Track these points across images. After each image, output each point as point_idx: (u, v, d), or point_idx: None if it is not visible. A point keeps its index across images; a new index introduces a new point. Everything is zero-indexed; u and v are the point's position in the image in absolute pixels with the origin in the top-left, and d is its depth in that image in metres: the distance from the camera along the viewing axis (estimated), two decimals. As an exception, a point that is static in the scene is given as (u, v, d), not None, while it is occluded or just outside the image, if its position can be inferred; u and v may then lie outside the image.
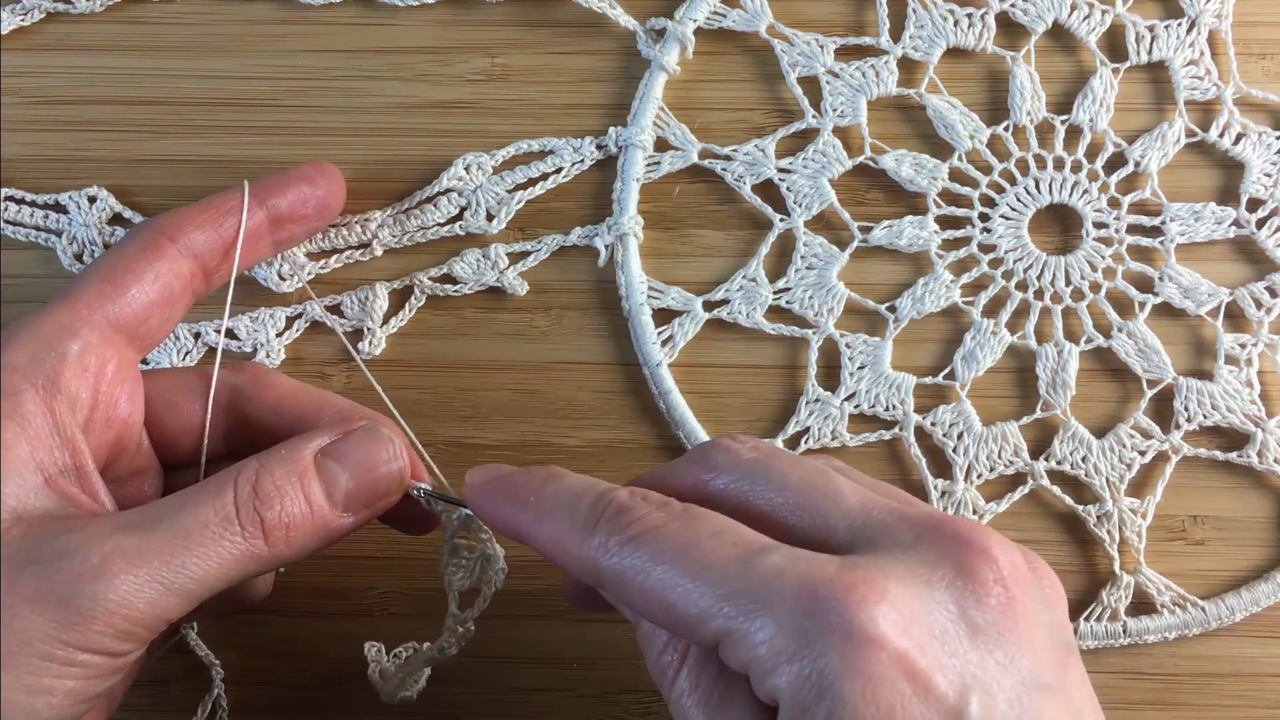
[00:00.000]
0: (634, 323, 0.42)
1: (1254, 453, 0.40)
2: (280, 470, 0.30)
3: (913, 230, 0.42)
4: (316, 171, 0.38)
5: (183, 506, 0.29)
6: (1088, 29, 0.43)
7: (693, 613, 0.26)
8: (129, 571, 0.27)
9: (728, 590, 0.25)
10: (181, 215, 0.34)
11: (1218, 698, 0.39)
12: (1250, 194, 0.42)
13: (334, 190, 0.38)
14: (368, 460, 0.31)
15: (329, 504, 0.30)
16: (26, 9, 0.44)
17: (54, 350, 0.29)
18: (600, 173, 0.43)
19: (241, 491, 0.29)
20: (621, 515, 0.28)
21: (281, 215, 0.36)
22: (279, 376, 0.35)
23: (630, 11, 0.43)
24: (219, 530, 0.29)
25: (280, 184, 0.37)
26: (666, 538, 0.27)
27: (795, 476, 0.29)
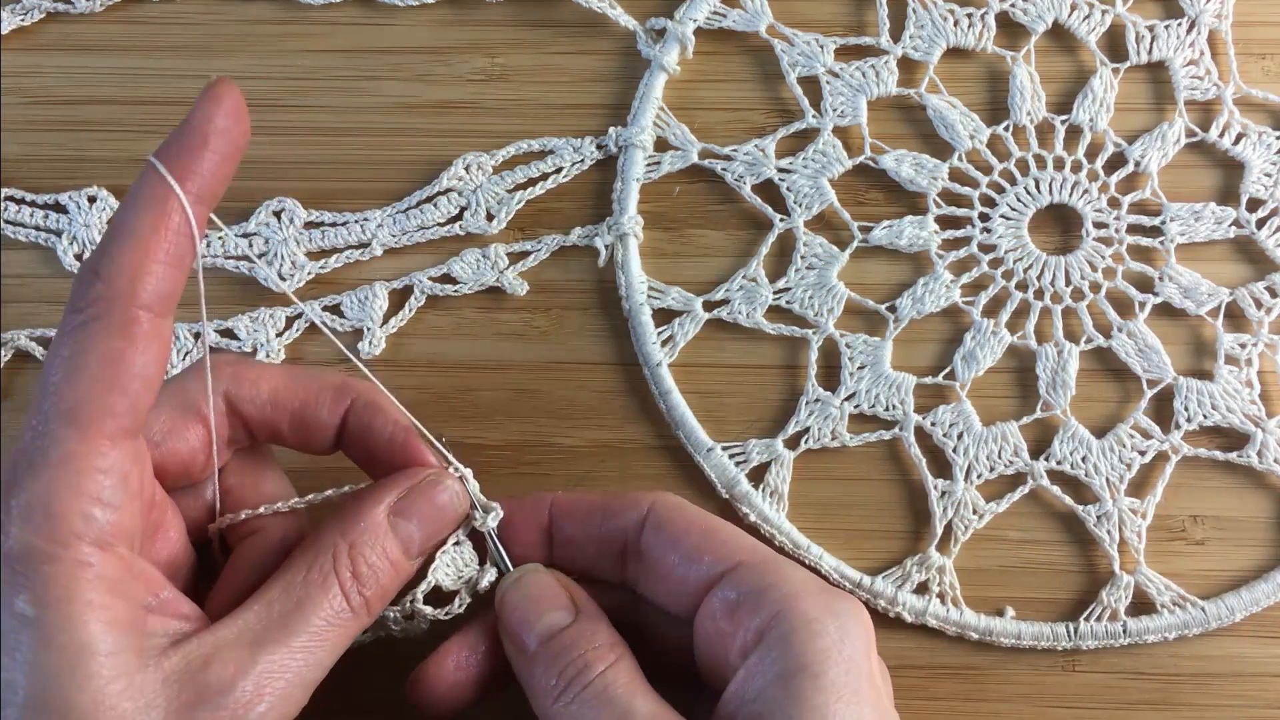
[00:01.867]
0: (634, 323, 0.42)
1: (1254, 453, 0.40)
2: (368, 546, 0.31)
3: (913, 230, 0.42)
4: (223, 112, 0.28)
5: (299, 606, 0.30)
6: (1088, 29, 0.43)
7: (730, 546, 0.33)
8: (279, 686, 0.29)
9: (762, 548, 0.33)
10: (138, 268, 0.28)
11: (1218, 698, 0.39)
12: (1250, 194, 0.42)
13: (244, 120, 0.29)
14: (436, 512, 0.33)
15: (405, 559, 0.32)
16: (26, 9, 0.44)
17: (101, 502, 0.27)
18: (600, 173, 0.43)
19: (344, 579, 0.30)
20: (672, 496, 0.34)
21: (212, 193, 0.29)
22: (262, 366, 0.34)
23: (630, 11, 0.43)
24: (338, 620, 0.30)
25: (198, 155, 0.28)
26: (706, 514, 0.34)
27: None
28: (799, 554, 0.40)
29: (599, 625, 0.32)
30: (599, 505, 0.34)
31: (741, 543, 0.33)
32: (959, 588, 0.40)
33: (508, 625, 0.33)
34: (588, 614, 0.33)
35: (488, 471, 0.40)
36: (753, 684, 0.30)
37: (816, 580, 0.32)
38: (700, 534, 0.33)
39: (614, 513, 0.34)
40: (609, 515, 0.34)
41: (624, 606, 0.34)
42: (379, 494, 0.32)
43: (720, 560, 0.32)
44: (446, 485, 0.33)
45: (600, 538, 0.34)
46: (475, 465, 0.39)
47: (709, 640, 0.32)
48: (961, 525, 0.40)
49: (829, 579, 0.39)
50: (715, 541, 0.33)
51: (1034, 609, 0.40)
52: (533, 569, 0.34)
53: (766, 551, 0.33)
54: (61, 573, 0.27)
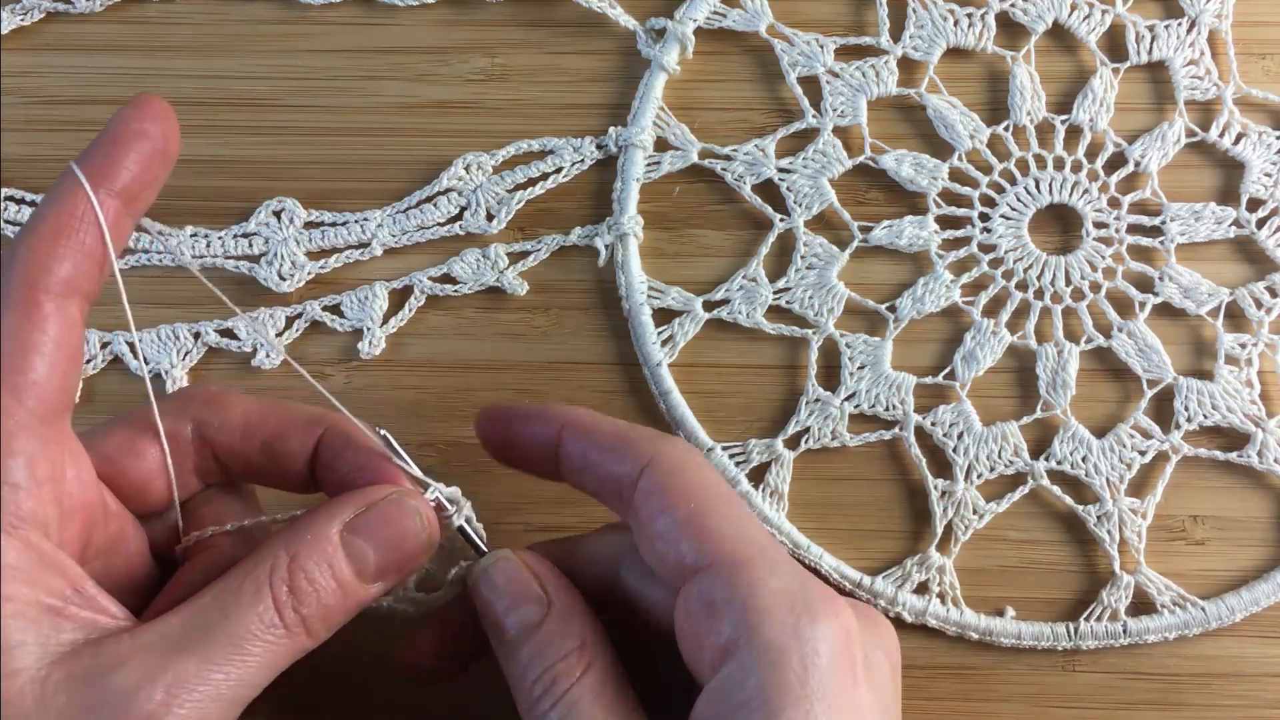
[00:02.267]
0: (634, 323, 0.42)
1: (1254, 453, 0.40)
2: (311, 561, 0.29)
3: (913, 230, 0.42)
4: (145, 118, 0.30)
5: (226, 616, 0.28)
6: (1088, 29, 0.43)
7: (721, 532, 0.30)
8: (193, 699, 0.27)
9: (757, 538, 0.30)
10: (39, 252, 0.28)
11: (1218, 698, 0.39)
12: (1250, 194, 0.42)
13: (171, 131, 0.30)
14: (395, 533, 0.30)
15: (358, 581, 0.30)
16: (26, 9, 0.44)
17: (4, 482, 0.27)
18: (600, 173, 0.43)
19: (279, 591, 0.28)
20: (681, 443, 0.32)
21: (131, 191, 0.29)
22: (234, 395, 0.33)
23: (630, 11, 0.43)
24: (266, 635, 0.28)
25: (116, 155, 0.29)
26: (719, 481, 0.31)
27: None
28: (799, 554, 0.40)
29: (570, 623, 0.31)
30: (604, 442, 0.32)
31: (725, 533, 0.30)
32: (959, 588, 0.40)
33: (483, 618, 0.32)
34: (559, 608, 0.31)
35: (486, 472, 0.40)
36: (715, 707, 0.28)
37: (790, 592, 0.29)
38: (687, 515, 0.30)
39: (615, 456, 0.32)
40: (610, 456, 0.32)
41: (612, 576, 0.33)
42: (333, 508, 0.30)
43: (699, 551, 0.30)
44: (410, 506, 0.31)
45: (604, 476, 0.32)
46: (475, 465, 0.39)
47: (684, 637, 0.30)
48: (961, 525, 0.40)
49: (828, 579, 0.39)
50: (698, 528, 0.30)
51: (1034, 609, 0.40)
52: (501, 556, 0.32)
53: (748, 548, 0.30)
54: None
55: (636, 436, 0.32)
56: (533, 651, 0.30)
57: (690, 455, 0.32)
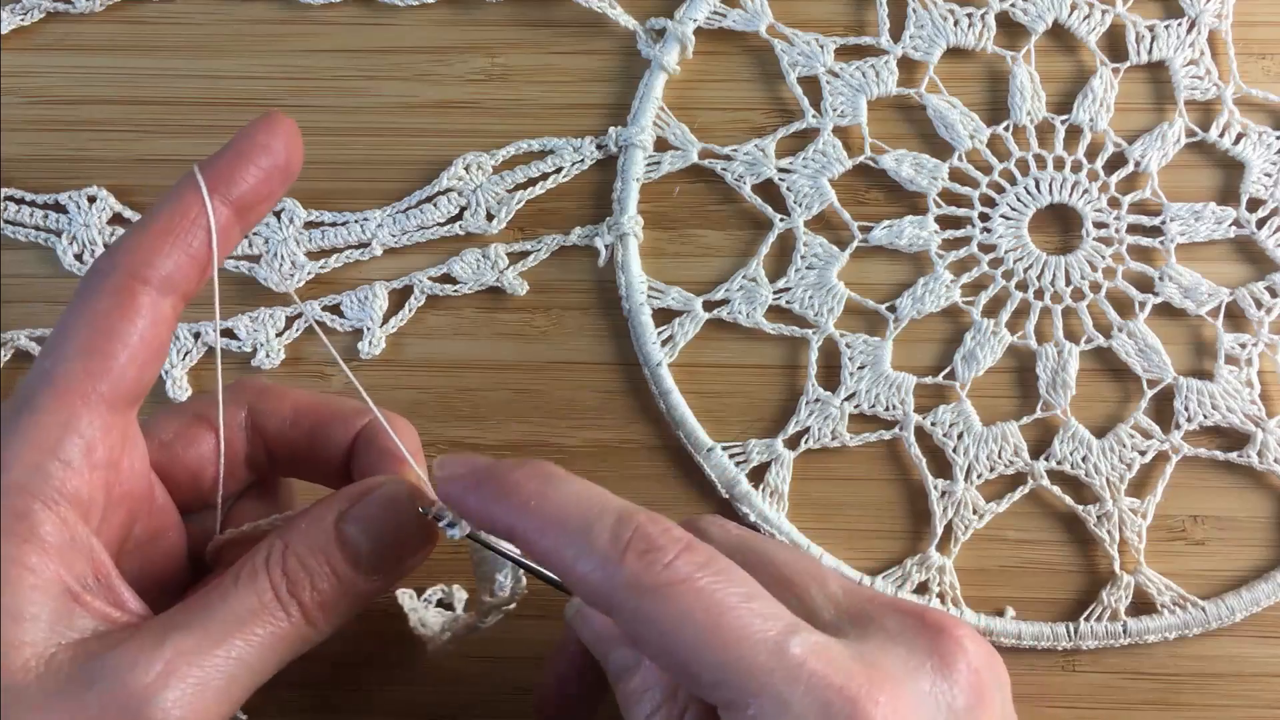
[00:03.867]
0: (634, 323, 0.42)
1: (1254, 453, 0.40)
2: (303, 548, 0.29)
3: (913, 230, 0.42)
4: (270, 133, 0.30)
5: (225, 599, 0.28)
6: (1088, 29, 0.43)
7: (709, 678, 0.26)
8: (191, 675, 0.27)
9: (755, 669, 0.26)
10: (145, 247, 0.29)
11: (1218, 698, 0.39)
12: (1250, 194, 0.42)
13: (294, 149, 0.31)
14: (390, 521, 0.30)
15: (355, 571, 0.29)
16: (26, 9, 0.44)
17: (57, 457, 0.27)
18: (600, 173, 0.43)
19: (274, 576, 0.28)
20: (650, 554, 0.27)
21: (247, 200, 0.30)
22: (284, 387, 0.34)
23: (630, 11, 0.43)
24: (266, 617, 0.28)
25: (237, 165, 0.30)
26: (698, 596, 0.26)
27: (782, 556, 0.31)
28: (799, 554, 0.40)
29: (655, 671, 0.29)
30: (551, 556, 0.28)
31: (722, 676, 0.26)
32: (959, 588, 0.40)
33: (592, 652, 0.32)
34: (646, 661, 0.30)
35: (488, 471, 0.40)
36: None
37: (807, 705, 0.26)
38: (679, 663, 0.27)
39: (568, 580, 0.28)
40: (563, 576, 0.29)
41: None
42: (333, 498, 0.30)
43: (708, 697, 0.27)
44: (401, 494, 0.30)
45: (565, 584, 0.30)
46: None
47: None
48: (961, 525, 0.40)
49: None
50: (694, 675, 0.27)
51: (1034, 609, 0.40)
52: (578, 605, 0.32)
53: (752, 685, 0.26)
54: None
55: (601, 555, 0.27)
56: (628, 698, 0.30)
57: (659, 579, 0.27)
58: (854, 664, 0.26)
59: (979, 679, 0.28)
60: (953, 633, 0.28)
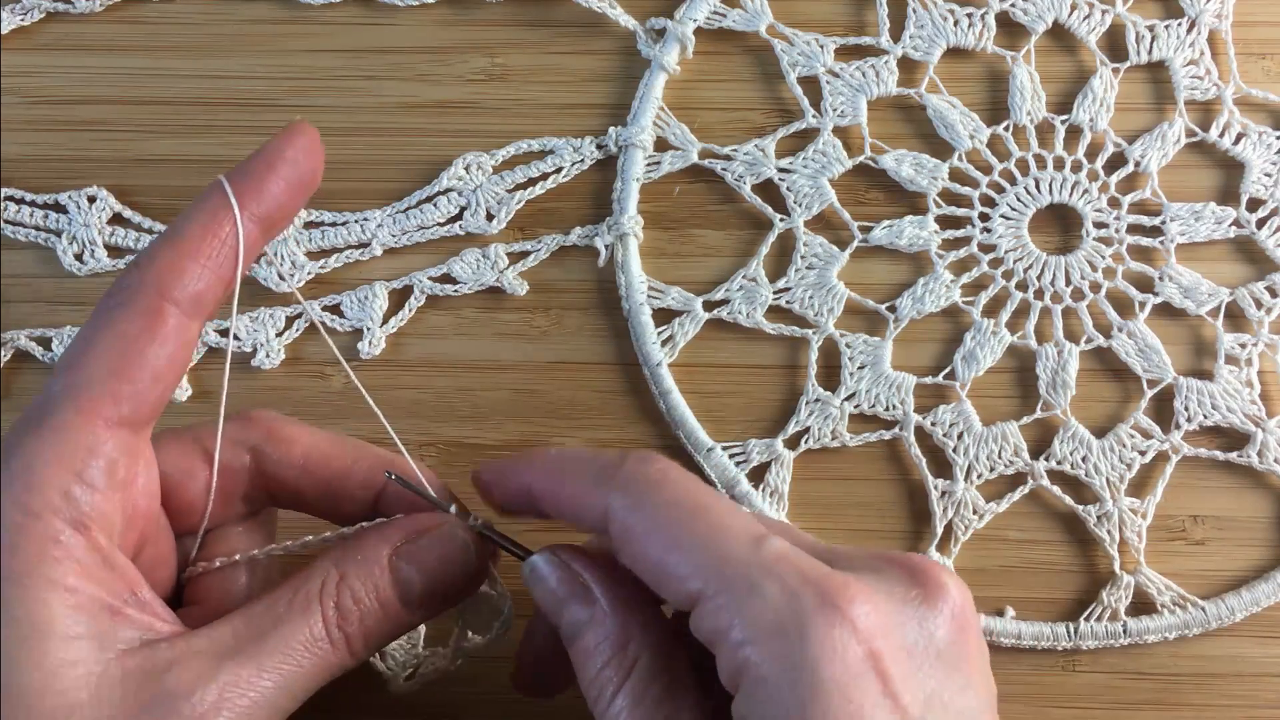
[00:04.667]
0: (634, 323, 0.42)
1: (1254, 453, 0.40)
2: (359, 581, 0.30)
3: (913, 230, 0.42)
4: (295, 145, 0.30)
5: (278, 627, 0.28)
6: (1088, 29, 0.43)
7: (685, 569, 0.27)
8: (242, 704, 0.27)
9: (729, 558, 0.27)
10: (176, 266, 0.28)
11: (1218, 698, 0.39)
12: (1250, 194, 0.42)
13: (317, 159, 0.30)
14: (444, 565, 0.31)
15: (402, 606, 0.30)
16: (26, 9, 0.44)
17: (82, 480, 0.27)
18: (600, 173, 0.43)
19: (327, 609, 0.29)
20: (649, 459, 0.30)
21: (272, 215, 0.30)
22: (299, 428, 0.33)
23: (630, 11, 0.43)
24: (314, 649, 0.29)
25: (264, 180, 0.29)
26: (687, 492, 0.29)
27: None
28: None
29: (614, 623, 0.29)
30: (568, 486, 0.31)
31: (698, 563, 0.28)
32: (959, 588, 0.40)
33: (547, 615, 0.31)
34: (603, 605, 0.30)
35: (488, 471, 0.40)
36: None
37: (777, 613, 0.26)
38: (657, 555, 0.28)
39: (580, 500, 0.30)
40: (576, 500, 0.30)
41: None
42: (387, 532, 0.31)
43: (677, 593, 0.28)
44: (460, 538, 0.31)
45: (578, 518, 0.31)
46: (475, 465, 0.39)
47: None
48: (961, 525, 0.40)
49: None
50: (667, 568, 0.28)
51: (1034, 609, 0.40)
52: (537, 559, 0.31)
53: (722, 573, 0.27)
54: (28, 545, 0.26)
55: (596, 471, 0.30)
56: (581, 655, 0.30)
57: (650, 475, 0.29)
58: (834, 571, 0.27)
59: (963, 619, 0.28)
60: (937, 575, 0.28)
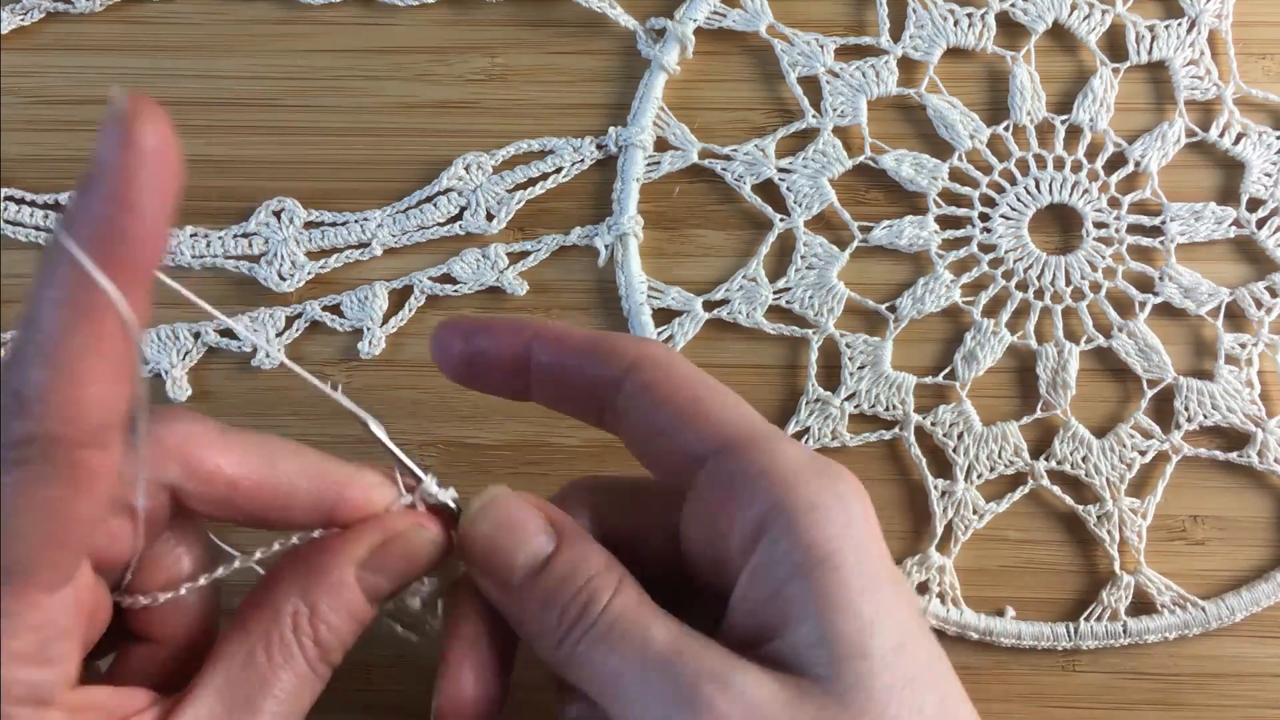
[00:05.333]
0: (634, 323, 0.42)
1: (1254, 453, 0.40)
2: (333, 613, 0.28)
3: (913, 230, 0.42)
4: (132, 147, 0.22)
5: (264, 686, 0.27)
6: (1088, 29, 0.43)
7: (713, 421, 0.29)
8: None
9: (755, 419, 0.30)
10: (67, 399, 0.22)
11: (1218, 698, 0.39)
12: (1250, 194, 0.42)
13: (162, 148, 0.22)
14: (408, 565, 0.29)
15: (371, 608, 0.29)
16: (26, 9, 0.44)
17: (43, 663, 0.25)
18: (600, 173, 0.43)
19: (308, 649, 0.28)
20: (656, 343, 0.31)
21: (145, 266, 0.22)
22: (222, 453, 0.28)
23: (630, 11, 0.43)
24: (306, 688, 0.28)
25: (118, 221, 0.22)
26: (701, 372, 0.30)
27: None
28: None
29: (588, 547, 0.29)
30: (580, 348, 0.30)
31: (727, 417, 0.29)
32: (959, 588, 0.40)
33: (483, 562, 0.29)
34: (571, 534, 0.29)
35: (487, 471, 0.40)
36: (765, 582, 0.27)
37: (811, 457, 0.28)
38: (684, 403, 0.29)
39: (595, 359, 0.30)
40: (589, 361, 0.30)
41: (591, 518, 0.31)
42: (348, 548, 0.28)
43: (704, 437, 0.28)
44: (427, 538, 0.29)
45: (579, 383, 0.30)
46: (475, 465, 0.39)
47: (702, 534, 0.29)
48: (961, 525, 0.40)
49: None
50: (699, 413, 0.29)
51: (1034, 609, 0.40)
52: (494, 493, 0.30)
53: (755, 426, 0.29)
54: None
55: (614, 340, 0.30)
56: (555, 579, 0.28)
57: (673, 353, 0.30)
58: None
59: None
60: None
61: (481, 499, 0.29)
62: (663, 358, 0.30)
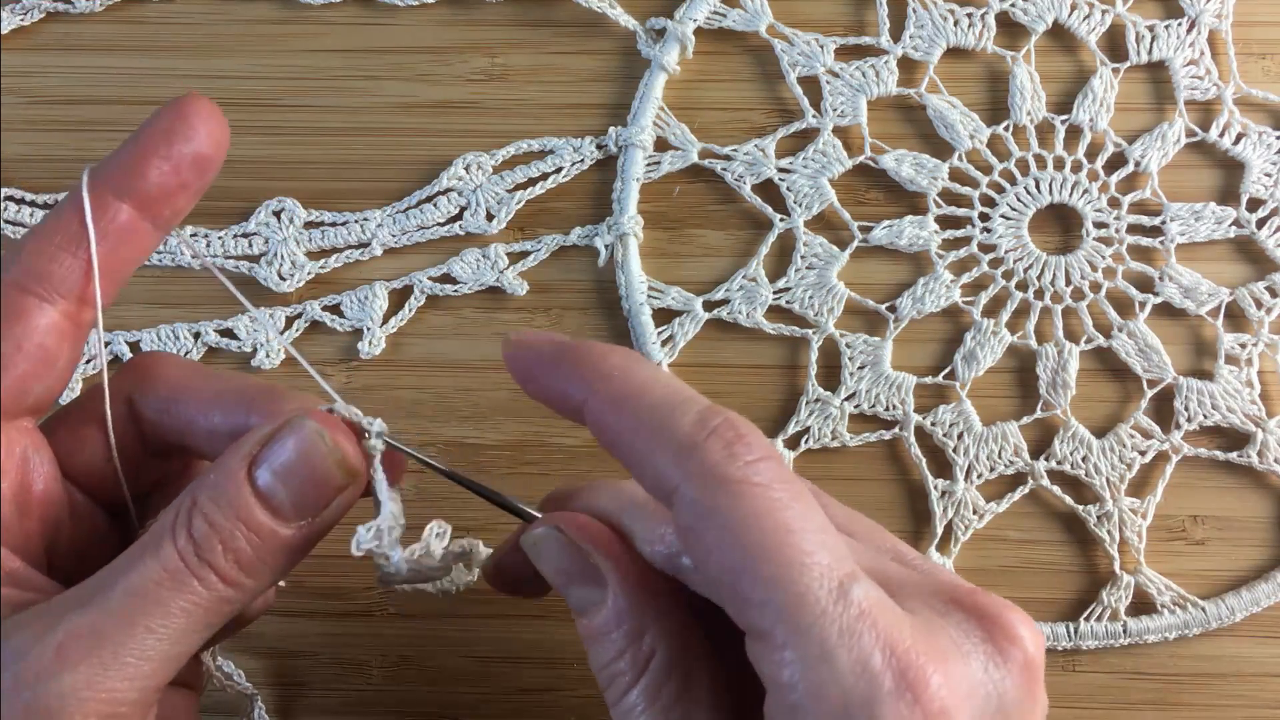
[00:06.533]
0: (634, 323, 0.42)
1: (1254, 453, 0.40)
2: (211, 505, 0.27)
3: (913, 230, 0.42)
4: (176, 121, 0.28)
5: (127, 569, 0.26)
6: (1088, 29, 0.43)
7: (757, 596, 0.24)
8: (92, 654, 0.25)
9: (806, 602, 0.24)
10: (28, 250, 0.27)
11: (1218, 698, 0.39)
12: (1250, 194, 0.42)
13: (208, 132, 0.28)
14: (303, 463, 0.27)
15: (276, 522, 0.27)
16: (26, 9, 0.44)
17: None
18: (600, 173, 0.43)
19: (179, 539, 0.26)
20: (736, 446, 0.25)
21: (153, 195, 0.28)
22: (168, 365, 0.30)
23: (630, 11, 0.43)
24: (173, 587, 0.26)
25: (135, 158, 0.28)
26: (772, 505, 0.25)
27: (844, 509, 0.30)
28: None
29: (628, 610, 0.27)
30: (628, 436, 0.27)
31: (772, 599, 0.24)
32: (959, 588, 0.40)
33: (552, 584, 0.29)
34: (616, 589, 0.27)
35: (487, 471, 0.40)
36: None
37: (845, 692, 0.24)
38: (729, 575, 0.25)
39: (638, 464, 0.27)
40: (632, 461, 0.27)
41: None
42: (237, 445, 0.28)
43: (742, 620, 0.25)
44: (311, 427, 0.27)
45: (633, 469, 0.27)
46: (475, 465, 0.39)
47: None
48: (961, 525, 0.40)
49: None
50: (743, 591, 0.25)
51: (1034, 609, 0.40)
52: (540, 533, 0.29)
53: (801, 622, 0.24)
54: None
55: (677, 438, 0.26)
56: (591, 635, 0.28)
57: (732, 475, 0.25)
58: (913, 631, 0.24)
59: (1033, 670, 0.26)
60: (1010, 624, 0.26)
61: (530, 537, 0.29)
62: (709, 499, 0.25)
